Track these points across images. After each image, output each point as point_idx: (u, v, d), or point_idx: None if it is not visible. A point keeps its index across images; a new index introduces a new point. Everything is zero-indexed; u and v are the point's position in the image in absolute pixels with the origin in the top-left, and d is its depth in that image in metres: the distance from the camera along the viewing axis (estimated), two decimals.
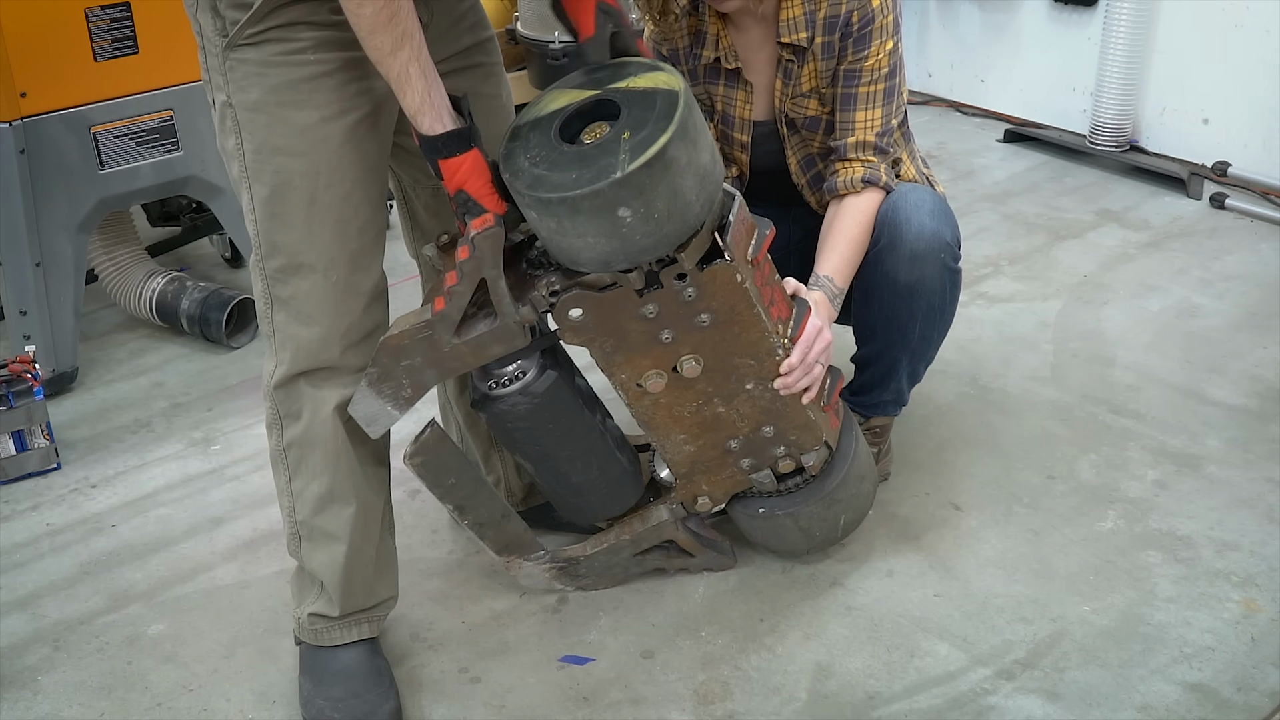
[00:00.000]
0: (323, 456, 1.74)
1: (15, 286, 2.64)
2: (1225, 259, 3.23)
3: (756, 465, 1.91)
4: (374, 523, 1.82)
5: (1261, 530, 2.16)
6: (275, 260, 1.65)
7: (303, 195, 1.61)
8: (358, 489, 1.77)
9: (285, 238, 1.63)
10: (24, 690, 1.90)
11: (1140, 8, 3.67)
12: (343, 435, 1.73)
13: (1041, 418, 2.53)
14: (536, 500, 2.17)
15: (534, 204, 1.53)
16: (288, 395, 1.72)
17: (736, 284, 1.68)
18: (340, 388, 1.71)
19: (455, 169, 1.57)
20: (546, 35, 3.73)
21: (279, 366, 1.70)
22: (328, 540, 1.78)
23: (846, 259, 1.98)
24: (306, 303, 1.65)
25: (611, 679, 1.89)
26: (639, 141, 1.50)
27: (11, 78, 2.48)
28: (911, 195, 2.01)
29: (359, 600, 1.84)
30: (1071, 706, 1.80)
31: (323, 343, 1.67)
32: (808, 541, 2.02)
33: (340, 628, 1.85)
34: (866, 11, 1.95)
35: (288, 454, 1.76)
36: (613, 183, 1.47)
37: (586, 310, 1.67)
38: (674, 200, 1.53)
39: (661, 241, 1.57)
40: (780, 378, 1.79)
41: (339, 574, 1.79)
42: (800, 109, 2.06)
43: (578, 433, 1.81)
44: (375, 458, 1.81)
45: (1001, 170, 3.94)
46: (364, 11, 1.46)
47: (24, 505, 2.38)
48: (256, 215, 1.64)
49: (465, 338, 1.65)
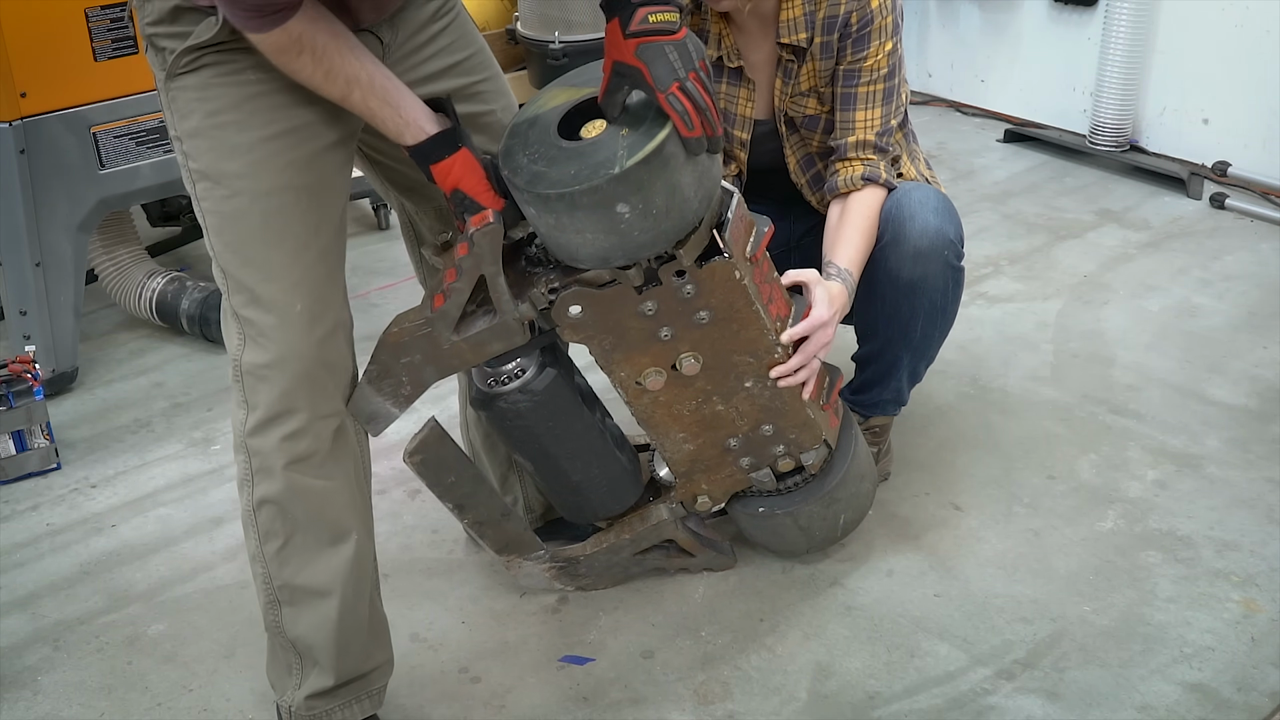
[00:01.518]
0: (304, 505, 1.61)
1: (15, 286, 2.64)
2: (1225, 259, 3.23)
3: (756, 464, 1.91)
4: (365, 574, 1.69)
5: (1261, 530, 2.16)
6: (237, 296, 1.55)
7: (254, 220, 1.53)
8: (349, 528, 1.64)
9: (242, 269, 1.54)
10: (24, 690, 1.90)
11: (1140, 8, 3.67)
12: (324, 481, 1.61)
13: (1041, 418, 2.53)
14: (555, 515, 2.13)
15: (532, 200, 1.53)
16: (263, 441, 1.58)
17: (735, 281, 1.68)
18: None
19: (447, 171, 1.56)
20: (546, 35, 3.73)
21: (254, 411, 1.57)
22: (314, 598, 1.64)
23: (860, 250, 1.97)
24: (272, 335, 1.53)
25: (611, 679, 1.89)
26: (637, 138, 1.50)
27: (11, 78, 2.48)
28: (916, 193, 2.01)
29: (356, 663, 1.69)
30: (1071, 706, 1.80)
31: (288, 381, 1.54)
32: (808, 541, 2.02)
33: (342, 708, 1.70)
34: (865, 13, 1.95)
35: (258, 514, 1.62)
36: (611, 179, 1.47)
37: (585, 307, 1.67)
38: (672, 196, 1.53)
39: (660, 237, 1.57)
40: (778, 367, 1.78)
41: (332, 633, 1.65)
42: (800, 108, 2.07)
43: (577, 431, 1.81)
44: (361, 492, 1.69)
45: (1001, 170, 3.94)
46: (302, 74, 1.47)
47: (24, 505, 2.38)
48: (215, 251, 1.56)
49: (464, 335, 1.65)
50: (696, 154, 1.52)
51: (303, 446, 1.58)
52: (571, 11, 3.70)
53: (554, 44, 3.70)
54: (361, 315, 1.71)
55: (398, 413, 1.70)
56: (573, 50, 3.69)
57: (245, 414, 1.58)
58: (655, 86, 1.49)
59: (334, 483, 1.62)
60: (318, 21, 1.44)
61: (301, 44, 1.43)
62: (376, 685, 1.76)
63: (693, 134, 1.49)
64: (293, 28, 1.42)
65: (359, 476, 1.68)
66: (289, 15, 1.41)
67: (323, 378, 1.57)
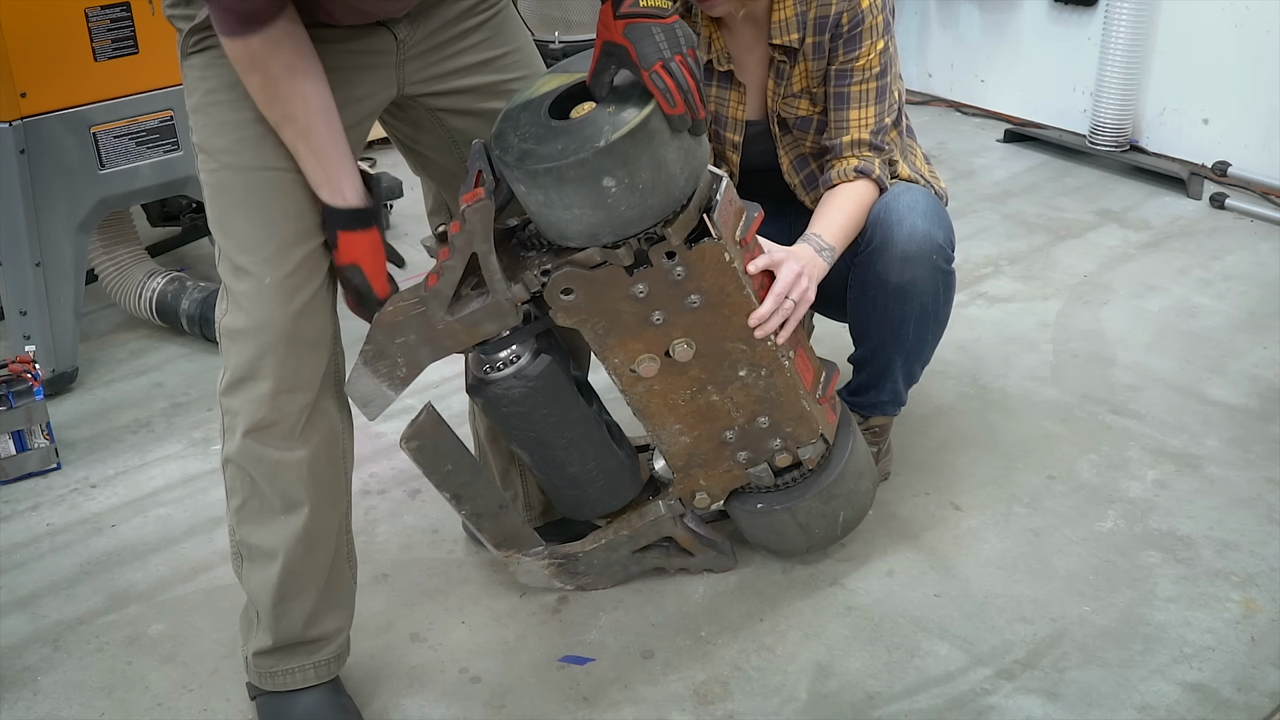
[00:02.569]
0: (259, 471, 1.64)
1: (15, 286, 2.64)
2: (1225, 259, 3.23)
3: (753, 459, 1.91)
4: (320, 546, 1.70)
5: (1261, 530, 2.16)
6: (223, 263, 1.62)
7: (236, 194, 1.59)
8: (300, 501, 1.66)
9: (224, 238, 1.61)
10: (24, 690, 1.90)
11: (1140, 8, 3.67)
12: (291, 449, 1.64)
13: (1041, 418, 2.53)
14: (555, 515, 2.13)
15: (523, 177, 1.58)
16: (232, 402, 1.64)
17: (725, 263, 1.70)
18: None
19: (351, 244, 1.60)
20: (547, 35, 3.73)
21: (226, 372, 1.64)
22: (263, 559, 1.69)
23: (837, 223, 1.96)
24: (245, 303, 1.59)
25: (611, 679, 1.89)
26: (623, 114, 1.55)
27: (11, 78, 2.47)
28: (905, 196, 2.01)
29: (293, 629, 1.72)
30: (1071, 706, 1.80)
31: (257, 348, 1.59)
32: (807, 539, 2.02)
33: (287, 673, 1.74)
34: (856, 13, 1.96)
35: (224, 469, 1.68)
36: (597, 152, 1.52)
37: (577, 289, 1.69)
38: (658, 171, 1.57)
39: (647, 213, 1.61)
40: (754, 314, 1.74)
41: (271, 595, 1.69)
42: (792, 109, 2.07)
43: (572, 420, 1.82)
44: (330, 472, 1.70)
45: (1001, 170, 3.94)
46: (250, 89, 1.52)
47: (24, 505, 2.38)
48: (209, 217, 1.65)
49: (458, 315, 1.67)
50: (680, 131, 1.56)
51: (262, 414, 1.61)
52: (571, 11, 3.71)
53: (554, 44, 3.71)
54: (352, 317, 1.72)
55: (393, 395, 1.72)
56: (573, 50, 3.67)
57: (221, 372, 1.65)
58: (640, 64, 1.53)
59: (292, 455, 1.64)
60: (281, 47, 1.48)
61: (255, 63, 1.48)
62: (324, 656, 1.76)
63: (675, 111, 1.53)
64: (253, 44, 1.46)
65: (331, 457, 1.69)
66: (261, 27, 1.45)
67: (293, 352, 1.60)
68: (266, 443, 1.63)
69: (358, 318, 1.70)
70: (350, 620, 1.81)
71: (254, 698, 1.81)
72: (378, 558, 2.16)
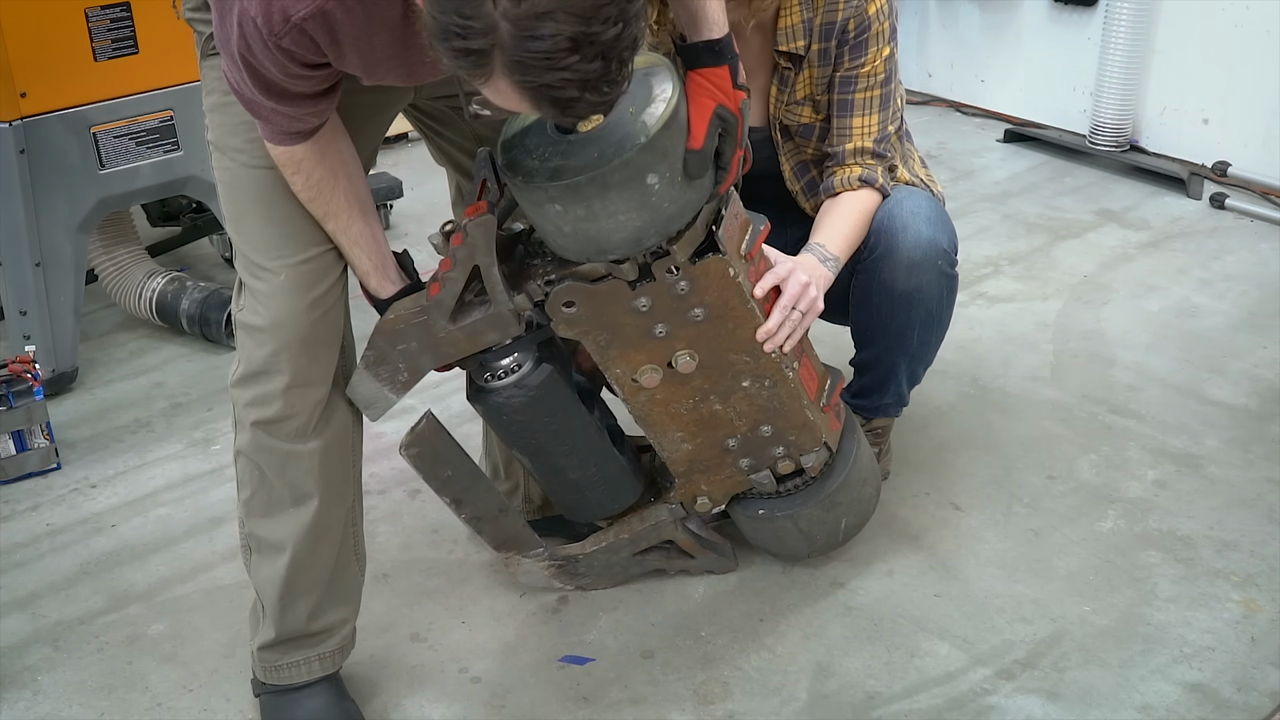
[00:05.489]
0: (268, 463, 1.67)
1: (15, 286, 2.64)
2: (1225, 259, 3.23)
3: (755, 466, 1.90)
4: (327, 538, 1.72)
5: (1261, 530, 2.16)
6: (240, 259, 1.65)
7: (250, 191, 1.62)
8: (309, 493, 1.68)
9: (240, 236, 1.64)
10: (24, 690, 1.90)
11: (1140, 8, 3.67)
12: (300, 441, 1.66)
13: (1041, 418, 2.53)
14: (552, 510, 2.13)
15: (561, 194, 1.51)
16: (244, 394, 1.66)
17: (729, 278, 1.68)
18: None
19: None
20: None
21: (240, 365, 1.66)
22: (271, 551, 1.71)
23: (841, 232, 1.96)
24: (263, 301, 1.62)
25: (611, 679, 1.89)
26: (649, 110, 1.50)
27: (11, 78, 2.47)
28: (908, 202, 2.01)
29: (299, 623, 1.73)
30: (1071, 706, 1.80)
31: (274, 346, 1.62)
32: (808, 545, 2.02)
33: (292, 666, 1.76)
34: (863, 19, 1.95)
35: (236, 461, 1.71)
36: (640, 148, 1.47)
37: (579, 302, 1.67)
38: None
39: (686, 208, 1.59)
40: (761, 329, 1.74)
41: (279, 588, 1.70)
42: (794, 116, 2.06)
43: (573, 427, 1.81)
44: (340, 466, 1.72)
45: (1001, 170, 3.94)
46: (294, 184, 1.57)
47: (24, 505, 2.38)
48: (223, 214, 1.68)
49: (460, 324, 1.67)
50: (694, 176, 1.59)
51: (273, 410, 1.64)
52: None
53: None
54: (363, 313, 1.72)
55: (395, 399, 1.72)
56: None
57: (235, 364, 1.68)
58: (740, 142, 1.63)
59: (304, 446, 1.66)
60: (325, 155, 1.55)
61: (299, 167, 1.55)
62: (328, 648, 1.77)
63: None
64: (297, 152, 1.53)
65: (342, 451, 1.71)
66: (304, 140, 1.52)
67: (308, 349, 1.63)
68: (276, 436, 1.65)
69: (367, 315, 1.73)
70: (355, 614, 1.82)
71: (257, 695, 1.81)
72: (378, 558, 2.16)
